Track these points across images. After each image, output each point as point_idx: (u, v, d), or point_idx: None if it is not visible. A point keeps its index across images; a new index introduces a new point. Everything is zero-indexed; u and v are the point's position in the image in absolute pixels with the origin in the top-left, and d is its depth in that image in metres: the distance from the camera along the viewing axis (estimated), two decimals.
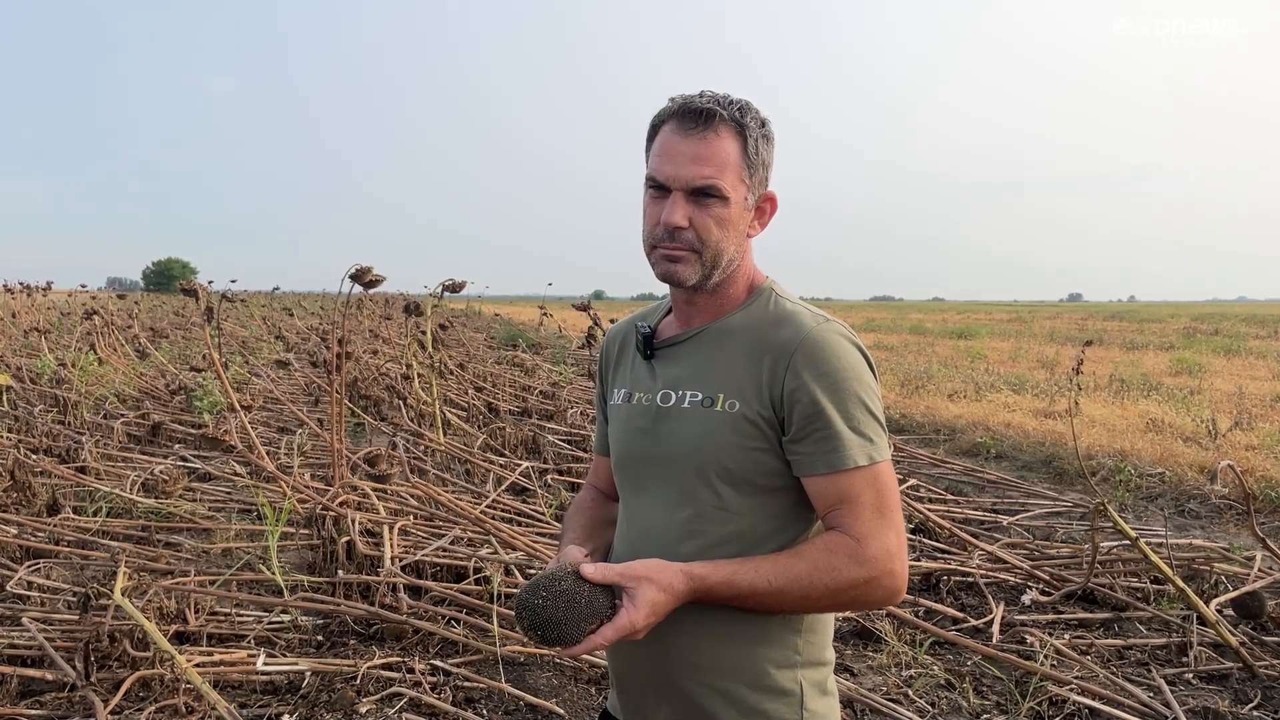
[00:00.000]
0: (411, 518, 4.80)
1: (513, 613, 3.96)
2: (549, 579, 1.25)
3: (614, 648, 1.47)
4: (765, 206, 1.48)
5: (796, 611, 1.39)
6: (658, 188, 1.41)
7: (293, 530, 4.86)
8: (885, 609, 4.06)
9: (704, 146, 1.37)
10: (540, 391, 10.78)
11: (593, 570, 1.27)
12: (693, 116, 1.38)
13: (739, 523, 1.40)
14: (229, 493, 6.21)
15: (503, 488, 5.91)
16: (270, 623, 3.90)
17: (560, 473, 6.62)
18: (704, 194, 1.37)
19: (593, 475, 1.76)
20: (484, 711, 3.33)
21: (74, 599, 3.87)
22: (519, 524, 5.13)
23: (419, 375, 9.01)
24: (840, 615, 4.08)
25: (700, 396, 1.42)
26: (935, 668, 3.77)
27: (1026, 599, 4.48)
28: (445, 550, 4.38)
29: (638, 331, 1.54)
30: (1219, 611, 4.10)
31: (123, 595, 3.31)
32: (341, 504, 4.60)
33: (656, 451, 1.46)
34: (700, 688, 1.42)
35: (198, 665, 3.30)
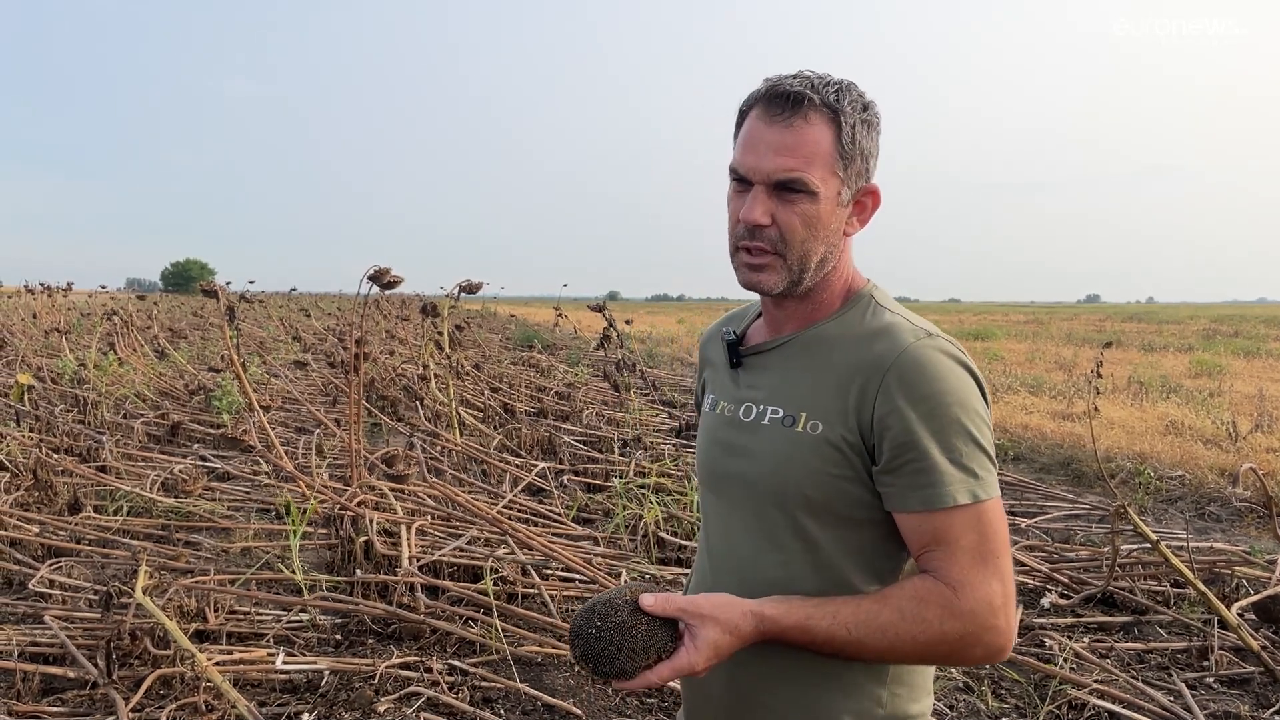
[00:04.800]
0: (429, 518, 4.82)
1: (529, 611, 3.96)
2: (605, 606, 1.17)
3: (688, 681, 1.38)
4: (866, 201, 1.31)
5: (882, 662, 1.26)
6: (740, 180, 1.27)
7: (311, 530, 4.89)
8: None
9: (790, 135, 1.22)
10: (556, 392, 10.79)
11: (653, 602, 1.16)
12: (780, 101, 1.23)
13: (819, 555, 1.27)
14: (248, 492, 6.25)
15: (519, 488, 5.92)
16: (289, 622, 3.92)
17: (576, 473, 6.63)
18: (788, 188, 1.23)
19: None
20: (501, 711, 3.34)
21: (95, 597, 3.90)
22: (535, 524, 5.14)
23: (436, 376, 9.04)
24: None
25: (781, 414, 1.29)
26: (953, 670, 3.75)
27: (1045, 602, 4.46)
28: (462, 550, 4.39)
29: (723, 338, 1.42)
30: (1240, 615, 4.06)
31: (143, 594, 3.33)
32: (359, 504, 4.62)
33: (734, 470, 1.35)
34: None
35: (218, 664, 3.32)
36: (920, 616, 1.17)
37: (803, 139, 1.23)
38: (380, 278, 4.71)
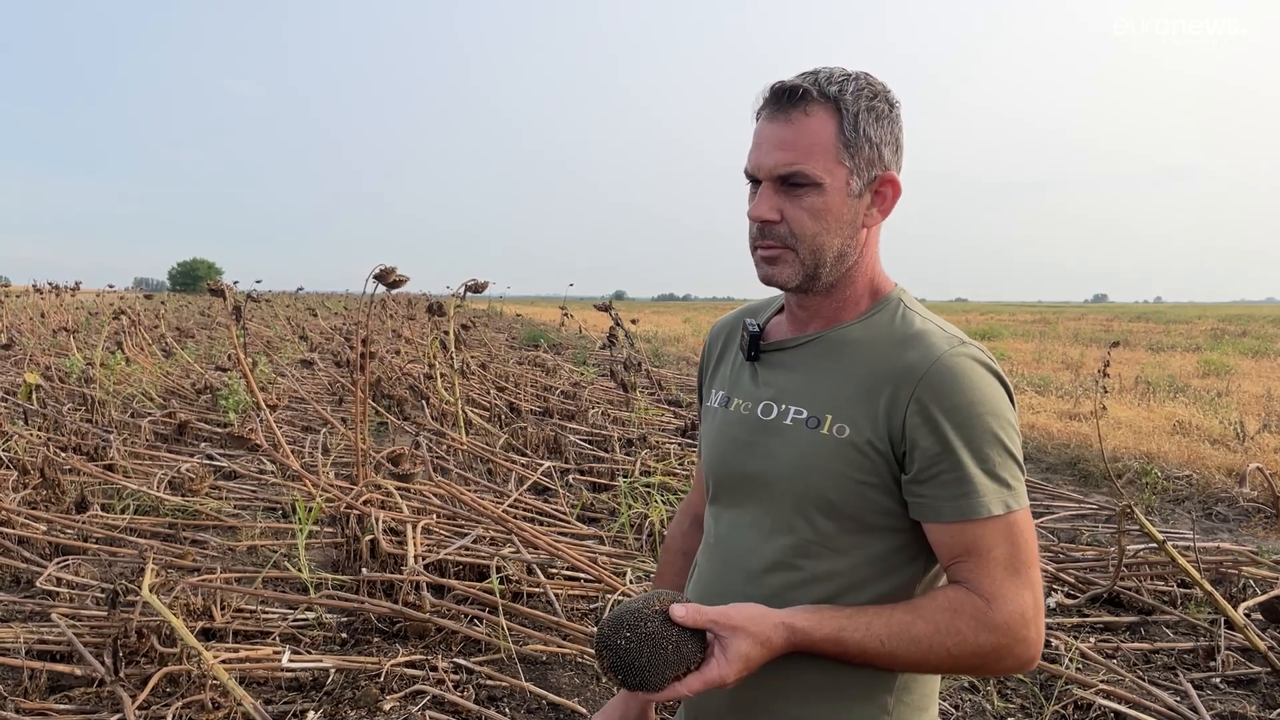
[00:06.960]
0: (434, 516, 4.83)
1: (535, 610, 3.97)
2: (634, 617, 1.14)
3: None
4: (885, 190, 1.28)
5: (913, 672, 1.25)
6: (752, 180, 1.28)
7: (317, 528, 4.90)
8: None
9: (789, 129, 1.23)
10: (561, 392, 10.79)
11: (684, 613, 1.14)
12: (779, 97, 1.24)
13: (837, 562, 1.25)
14: (254, 491, 6.27)
15: (524, 487, 5.93)
16: (295, 620, 3.93)
17: (581, 472, 6.63)
18: (792, 182, 1.23)
19: (691, 496, 1.61)
20: (506, 710, 3.35)
21: (102, 595, 3.92)
22: (541, 523, 5.14)
23: (441, 375, 9.05)
24: None
25: (805, 415, 1.27)
26: None
27: (1051, 602, 4.45)
28: (468, 549, 4.40)
29: (744, 329, 1.39)
30: (1247, 615, 4.05)
31: (150, 592, 3.34)
32: (365, 502, 4.64)
33: (752, 470, 1.32)
34: None
35: (224, 661, 3.33)
36: (954, 629, 1.16)
37: (802, 131, 1.22)
38: (385, 277, 4.72)
